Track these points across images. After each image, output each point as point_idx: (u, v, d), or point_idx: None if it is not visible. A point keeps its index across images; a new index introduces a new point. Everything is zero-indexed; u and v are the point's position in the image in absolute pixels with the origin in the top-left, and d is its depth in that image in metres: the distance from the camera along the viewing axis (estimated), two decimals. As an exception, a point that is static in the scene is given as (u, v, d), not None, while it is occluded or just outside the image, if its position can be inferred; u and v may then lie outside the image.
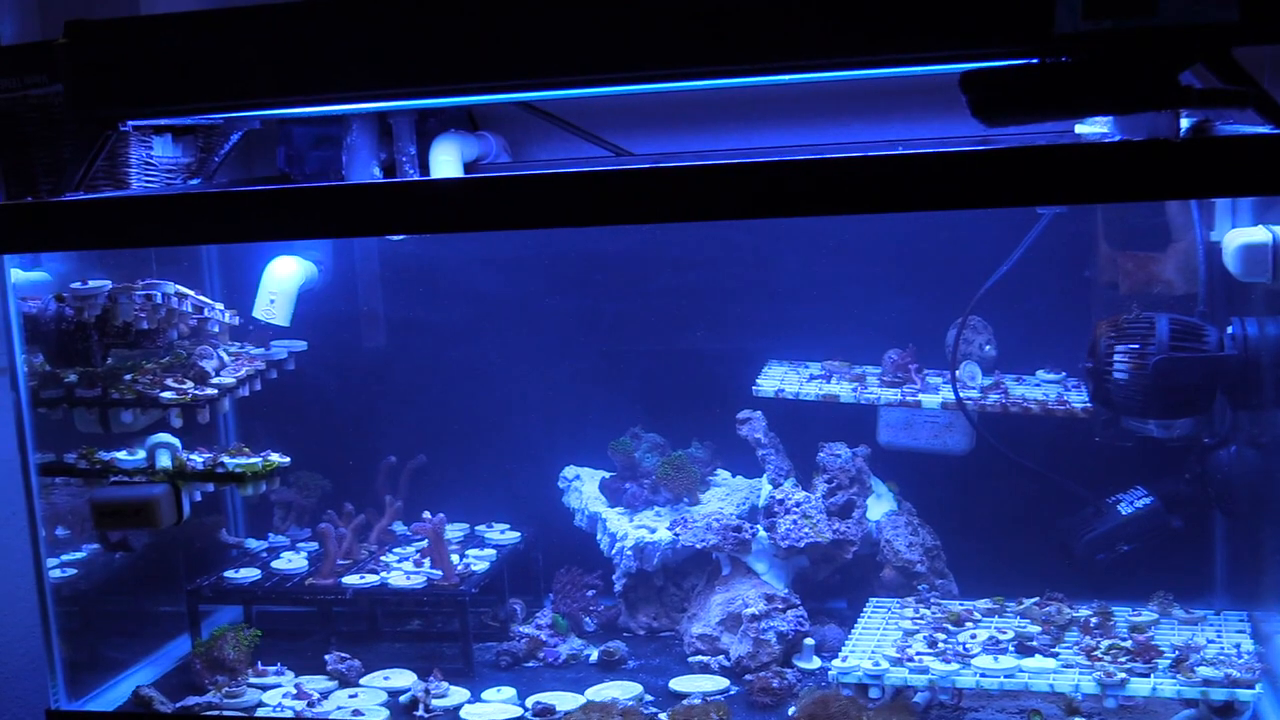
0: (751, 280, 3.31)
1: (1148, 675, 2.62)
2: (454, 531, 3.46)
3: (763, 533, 3.13)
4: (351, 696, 2.97)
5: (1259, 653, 2.68)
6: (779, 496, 3.12)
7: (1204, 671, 2.58)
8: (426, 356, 3.50)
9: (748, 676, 2.94)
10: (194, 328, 3.19)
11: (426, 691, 2.91)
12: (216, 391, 3.08)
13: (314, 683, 3.03)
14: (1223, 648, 2.70)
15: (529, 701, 2.88)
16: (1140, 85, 2.17)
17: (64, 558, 3.16)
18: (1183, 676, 2.60)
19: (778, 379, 3.26)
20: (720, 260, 3.28)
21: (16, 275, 2.88)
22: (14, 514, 2.92)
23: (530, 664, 3.14)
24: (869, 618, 3.01)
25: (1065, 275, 3.08)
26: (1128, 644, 2.74)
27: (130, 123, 2.78)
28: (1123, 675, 2.61)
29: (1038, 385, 3.18)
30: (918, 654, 2.75)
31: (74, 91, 2.66)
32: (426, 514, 3.21)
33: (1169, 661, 2.67)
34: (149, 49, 2.59)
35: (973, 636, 2.82)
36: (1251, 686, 2.54)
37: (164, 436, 2.97)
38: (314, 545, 3.47)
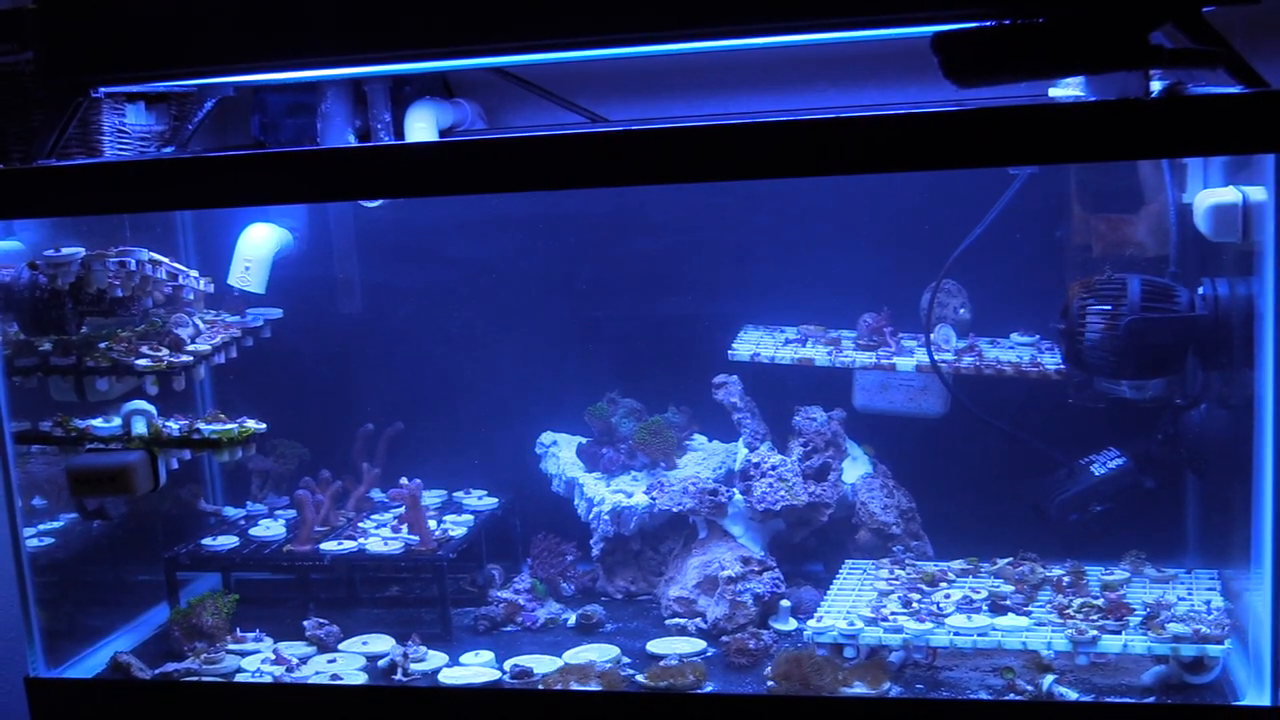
0: (727, 244, 3.31)
1: (1119, 632, 2.64)
2: (432, 498, 3.46)
3: (739, 496, 3.14)
4: (330, 661, 2.97)
5: (1228, 609, 2.71)
6: (755, 460, 3.13)
7: (1174, 628, 2.61)
8: (403, 322, 3.49)
9: (724, 638, 2.96)
10: (169, 295, 3.18)
11: (405, 656, 2.92)
12: (192, 359, 3.08)
13: (293, 648, 3.04)
14: (1193, 605, 2.73)
15: (507, 665, 2.89)
16: (1111, 45, 2.18)
17: (41, 527, 3.15)
18: (1153, 633, 2.62)
19: (753, 343, 3.26)
20: (696, 224, 3.28)
21: (-11, 243, 2.88)
22: (-10, 483, 2.92)
23: (508, 628, 3.15)
24: (844, 579, 3.03)
25: (1038, 238, 3.09)
26: (1100, 602, 2.76)
27: (102, 90, 2.76)
28: (1094, 633, 2.63)
29: (1011, 348, 3.20)
30: (892, 614, 2.78)
31: (45, 58, 2.64)
32: (404, 480, 3.22)
33: (1140, 619, 2.69)
34: (121, 15, 2.57)
35: (947, 596, 2.84)
36: (1221, 642, 2.57)
37: (139, 403, 2.97)
38: (292, 512, 3.47)
